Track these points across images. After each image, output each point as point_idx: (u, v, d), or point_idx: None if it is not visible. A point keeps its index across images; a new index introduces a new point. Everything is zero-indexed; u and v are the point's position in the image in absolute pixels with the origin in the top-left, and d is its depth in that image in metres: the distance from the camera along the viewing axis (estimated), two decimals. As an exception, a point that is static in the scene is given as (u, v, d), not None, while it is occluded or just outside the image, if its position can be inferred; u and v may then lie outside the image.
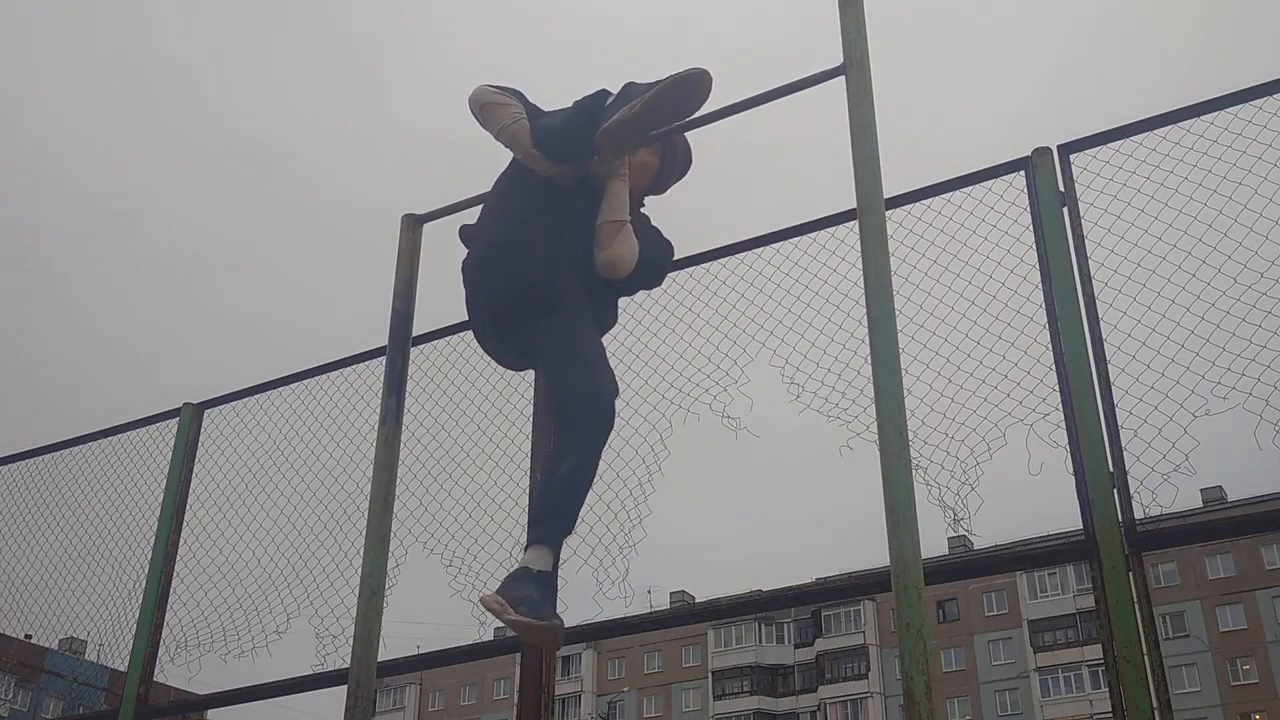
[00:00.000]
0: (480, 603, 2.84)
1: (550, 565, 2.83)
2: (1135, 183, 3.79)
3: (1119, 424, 3.56)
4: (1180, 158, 3.74)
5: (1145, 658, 3.33)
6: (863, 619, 55.16)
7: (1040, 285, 3.85)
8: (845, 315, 4.09)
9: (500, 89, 3.33)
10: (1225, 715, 46.65)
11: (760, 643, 56.71)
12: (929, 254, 4.05)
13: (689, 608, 6.36)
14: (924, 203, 4.16)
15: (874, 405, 2.59)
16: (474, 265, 3.25)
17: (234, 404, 5.73)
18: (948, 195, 4.13)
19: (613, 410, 2.96)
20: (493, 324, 3.20)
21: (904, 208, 4.16)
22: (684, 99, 2.99)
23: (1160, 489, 3.44)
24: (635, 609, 4.34)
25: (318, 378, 5.45)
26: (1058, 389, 3.70)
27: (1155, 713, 3.28)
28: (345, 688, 3.13)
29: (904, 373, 2.74)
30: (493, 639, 4.59)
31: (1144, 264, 3.68)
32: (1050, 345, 3.76)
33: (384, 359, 3.45)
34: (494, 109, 3.28)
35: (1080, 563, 3.73)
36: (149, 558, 5.54)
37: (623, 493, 4.28)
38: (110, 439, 6.11)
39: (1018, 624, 52.52)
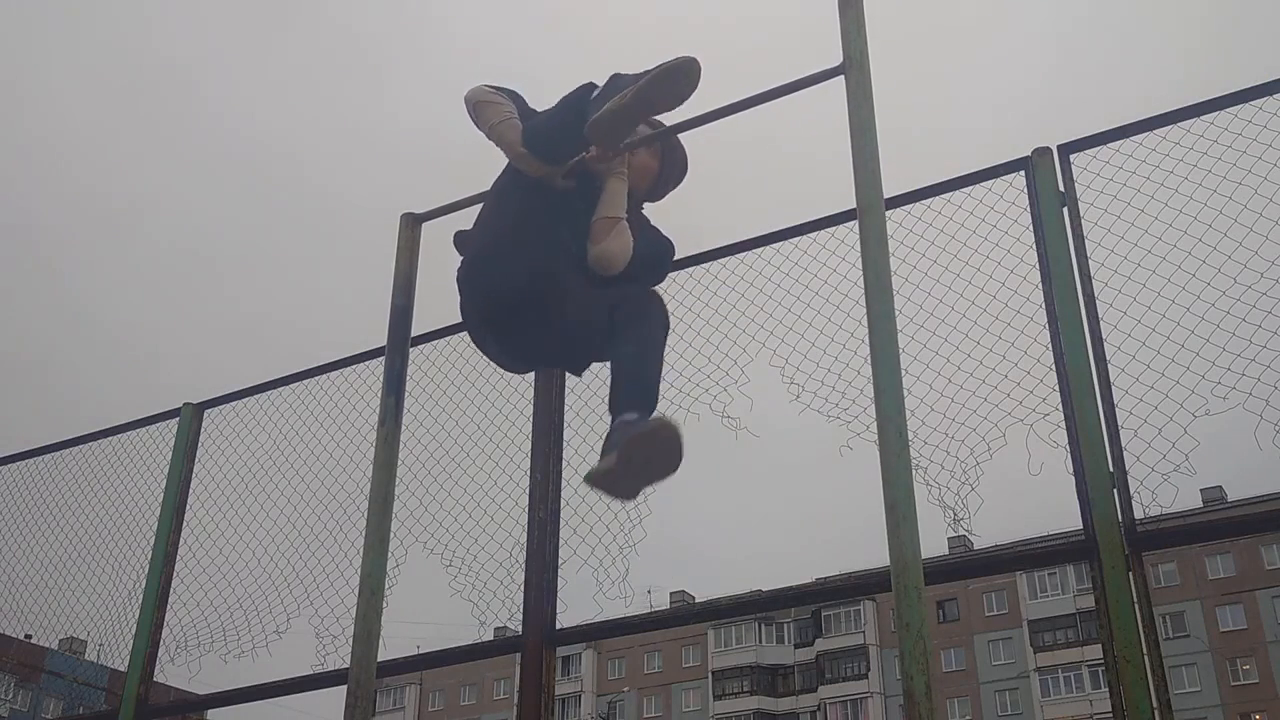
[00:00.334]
0: (596, 475, 2.84)
1: None
2: (1135, 183, 3.79)
3: (1119, 424, 3.56)
4: (1180, 158, 3.74)
5: (1145, 658, 3.33)
6: (863, 619, 55.13)
7: (1040, 285, 3.85)
8: (845, 315, 4.09)
9: (496, 89, 3.31)
10: (1225, 715, 46.62)
11: (760, 643, 56.67)
12: (929, 254, 4.05)
13: (689, 608, 6.36)
14: (924, 203, 4.16)
15: (874, 405, 2.59)
16: (467, 269, 3.19)
17: (234, 404, 5.73)
18: (948, 195, 4.13)
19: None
20: (490, 329, 3.16)
21: (904, 208, 4.16)
22: (674, 88, 2.98)
23: (1160, 489, 3.44)
24: (635, 609, 4.34)
25: (318, 378, 5.46)
26: (1058, 389, 3.70)
27: (1155, 713, 3.28)
28: (345, 688, 3.13)
29: (904, 373, 2.74)
30: (493, 639, 4.59)
31: (1144, 264, 3.67)
32: (1050, 345, 3.76)
33: (383, 359, 3.45)
34: (486, 107, 3.26)
35: (1080, 563, 3.73)
36: (149, 558, 5.54)
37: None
38: (110, 439, 6.12)
39: (1018, 624, 52.48)
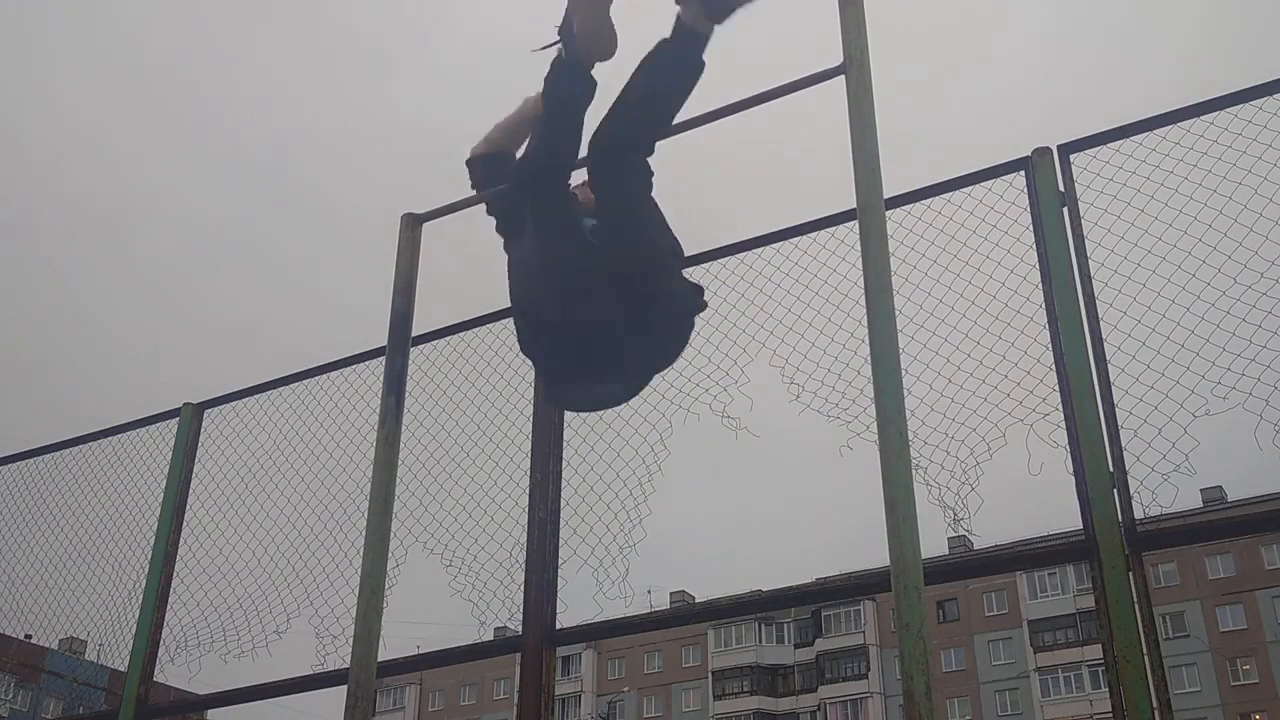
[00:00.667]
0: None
1: None
2: (1135, 183, 3.79)
3: (1119, 424, 3.56)
4: (1180, 158, 3.74)
5: (1145, 658, 3.33)
6: (863, 619, 55.08)
7: (1040, 285, 3.85)
8: (845, 315, 4.10)
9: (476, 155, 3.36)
10: (1225, 715, 46.58)
11: (760, 643, 56.62)
12: (929, 254, 4.06)
13: (689, 608, 6.36)
14: (924, 203, 4.16)
15: (874, 405, 2.59)
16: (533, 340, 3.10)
17: (234, 404, 5.73)
18: (948, 195, 4.14)
19: None
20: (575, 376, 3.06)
21: (904, 208, 4.16)
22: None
23: (1160, 489, 3.44)
24: (635, 609, 4.34)
25: (318, 378, 5.46)
26: (1058, 389, 3.70)
27: (1155, 713, 3.28)
28: (345, 688, 3.13)
29: (904, 373, 2.74)
30: (493, 639, 4.59)
31: (1144, 264, 3.68)
32: (1050, 345, 3.76)
33: (384, 359, 3.44)
34: (496, 130, 3.38)
35: (1080, 563, 3.73)
36: (149, 558, 5.55)
37: (623, 493, 4.29)
38: (110, 439, 6.12)
39: (1018, 624, 52.44)
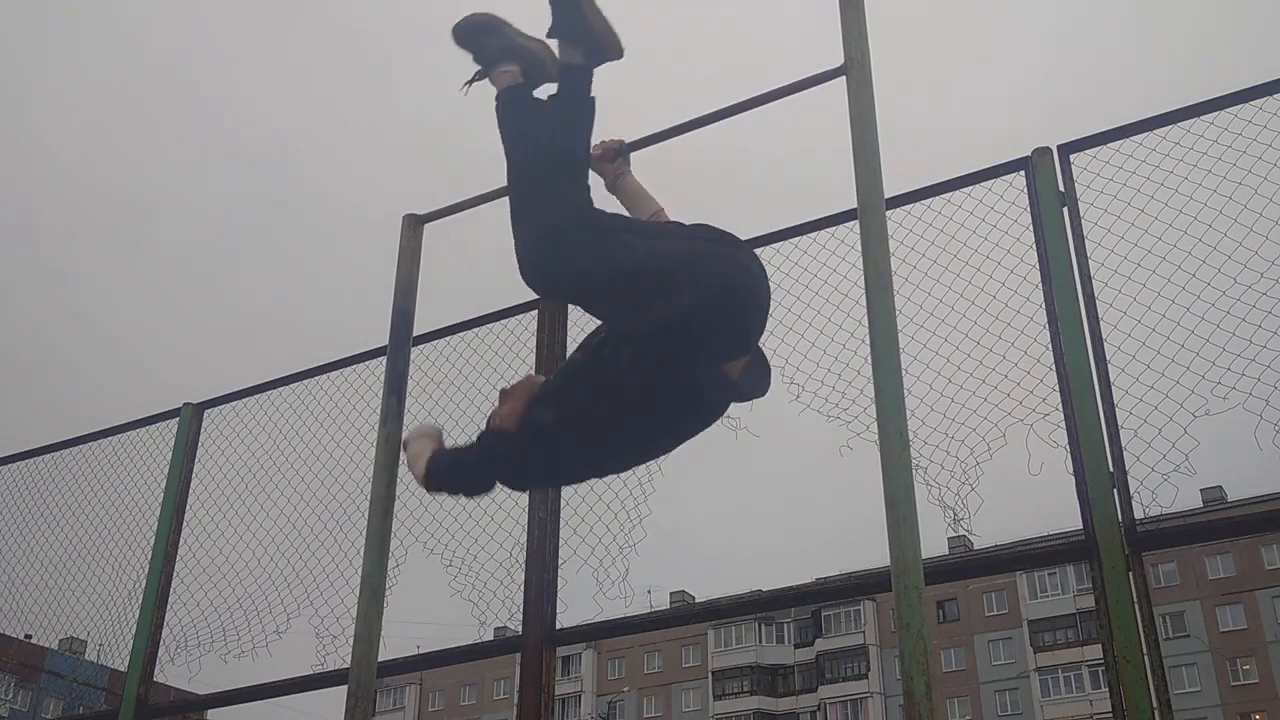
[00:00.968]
0: None
1: None
2: (1135, 183, 3.79)
3: (1119, 424, 3.57)
4: (1180, 158, 3.74)
5: (1145, 658, 3.33)
6: (863, 619, 55.06)
7: (1040, 285, 3.85)
8: (845, 315, 4.10)
9: None
10: (1225, 715, 46.57)
11: (760, 643, 56.60)
12: (929, 254, 4.06)
13: (689, 608, 6.36)
14: (924, 203, 4.16)
15: (874, 405, 2.59)
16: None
17: (234, 404, 5.74)
18: (948, 195, 4.14)
19: None
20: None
21: (904, 208, 4.16)
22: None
23: (1160, 489, 3.45)
24: (635, 609, 4.34)
25: (318, 378, 5.46)
26: (1058, 389, 3.70)
27: (1155, 713, 3.28)
28: (345, 688, 3.13)
29: (904, 373, 2.73)
30: (493, 639, 4.59)
31: (1144, 264, 3.68)
32: (1050, 345, 3.76)
33: (384, 359, 3.44)
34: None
35: (1080, 563, 3.73)
36: (149, 558, 5.55)
37: (623, 493, 4.29)
38: (110, 439, 6.12)
39: (1018, 624, 52.43)
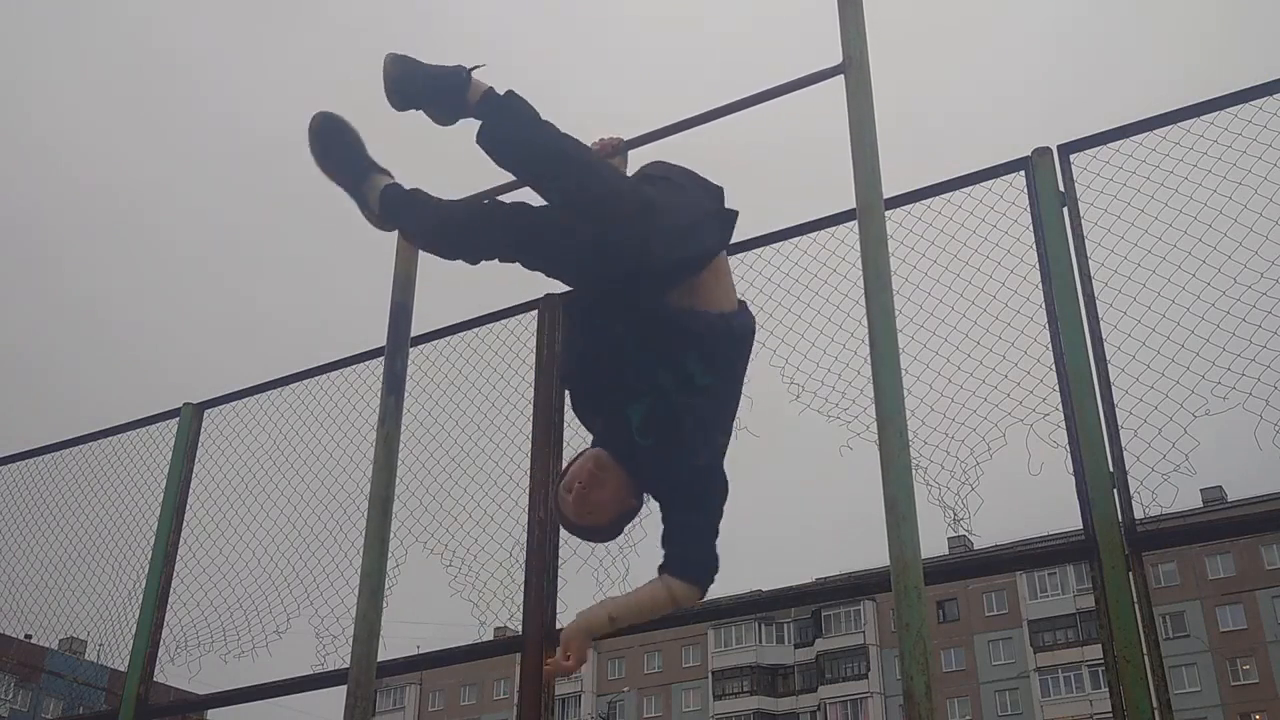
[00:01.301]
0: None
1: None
2: (1135, 183, 3.79)
3: (1119, 424, 3.56)
4: (1180, 158, 3.74)
5: (1145, 658, 3.33)
6: (863, 619, 55.05)
7: (1040, 285, 3.85)
8: (845, 315, 4.10)
9: None
10: (1225, 715, 46.56)
11: (760, 643, 56.59)
12: (929, 254, 4.06)
13: (689, 608, 6.34)
14: (924, 203, 4.16)
15: (874, 405, 2.59)
16: None
17: (234, 404, 5.73)
18: (948, 195, 4.14)
19: None
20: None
21: (904, 208, 4.16)
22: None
23: (1160, 489, 3.45)
24: (635, 609, 4.33)
25: (318, 378, 5.46)
26: (1058, 389, 3.70)
27: (1155, 713, 3.28)
28: (345, 688, 3.13)
29: (904, 373, 2.73)
30: (493, 639, 4.59)
31: (1144, 264, 3.68)
32: (1050, 345, 3.76)
33: (383, 359, 3.44)
34: None
35: (1080, 563, 3.73)
36: (149, 558, 5.55)
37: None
38: (110, 439, 6.12)
39: (1018, 624, 52.42)
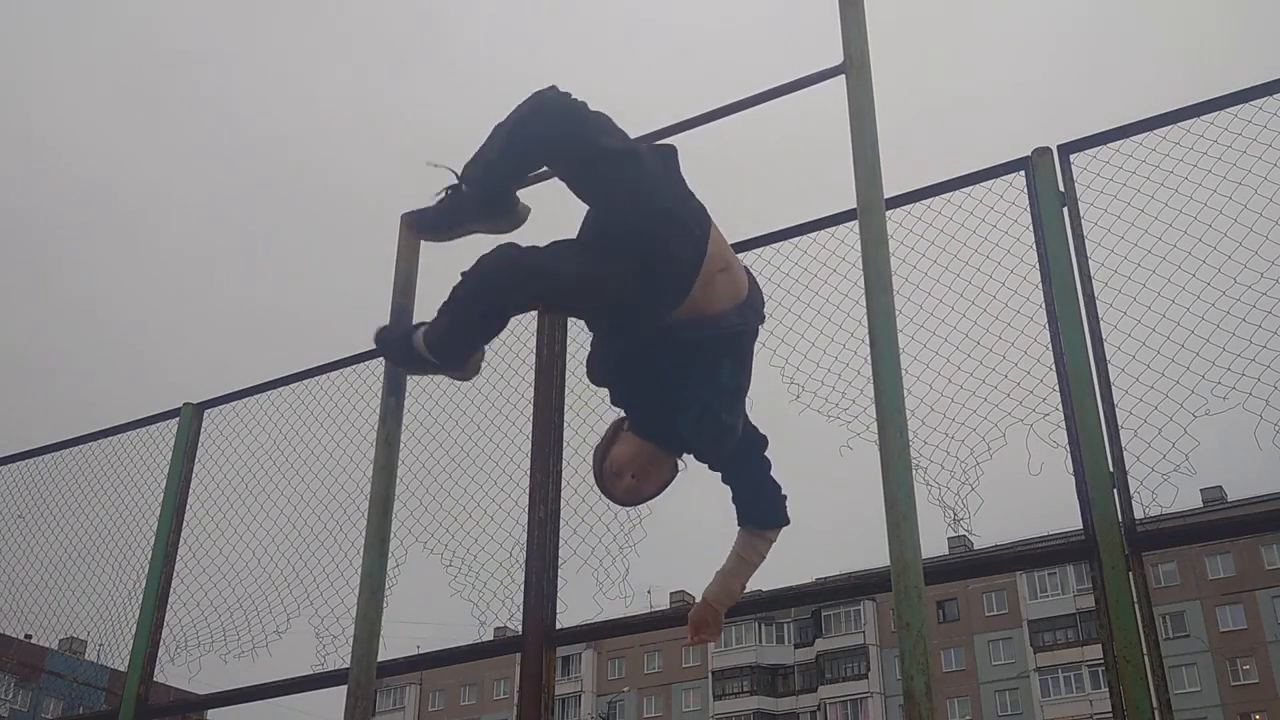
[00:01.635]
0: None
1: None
2: (1135, 183, 3.79)
3: (1119, 424, 3.57)
4: (1180, 158, 3.74)
5: (1145, 658, 3.33)
6: (863, 619, 55.03)
7: (1040, 285, 3.85)
8: (845, 315, 4.10)
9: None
10: (1225, 715, 46.55)
11: (760, 643, 56.57)
12: (929, 254, 4.06)
13: (689, 608, 6.33)
14: (924, 203, 4.16)
15: (874, 405, 2.59)
16: None
17: (234, 404, 5.73)
18: (948, 195, 4.14)
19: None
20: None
21: (904, 208, 4.16)
22: None
23: (1160, 489, 3.45)
24: (635, 609, 4.34)
25: (318, 378, 5.46)
26: (1058, 389, 3.70)
27: (1155, 713, 3.28)
28: (345, 688, 3.13)
29: (904, 373, 2.73)
30: (493, 639, 4.59)
31: (1144, 264, 3.68)
32: (1050, 345, 3.76)
33: (384, 359, 3.44)
34: None
35: (1080, 563, 3.73)
36: (149, 558, 5.55)
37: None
38: (110, 439, 6.12)
39: (1018, 624, 52.41)
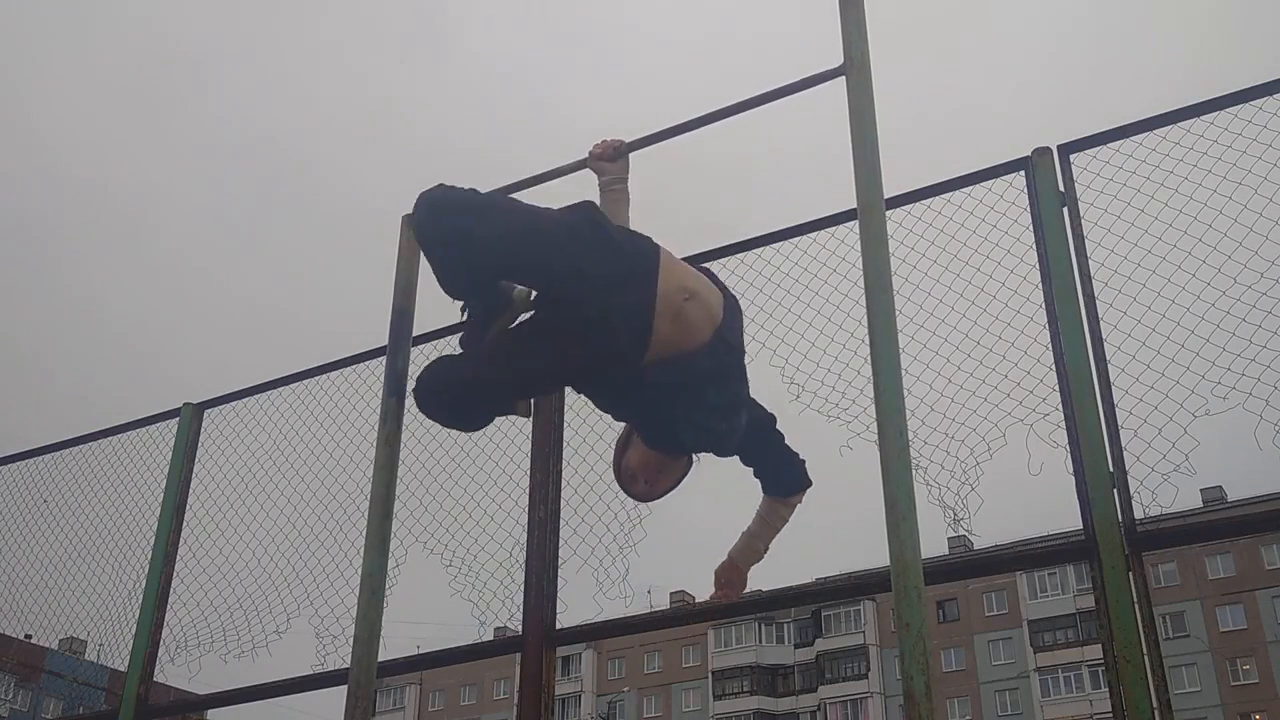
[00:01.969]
0: None
1: None
2: (1135, 183, 3.79)
3: (1119, 424, 3.56)
4: (1180, 158, 3.74)
5: (1145, 658, 3.33)
6: (863, 619, 55.04)
7: (1040, 285, 3.85)
8: (845, 315, 4.10)
9: None
10: (1225, 715, 46.56)
11: (760, 643, 56.58)
12: (929, 254, 4.06)
13: (689, 608, 6.35)
14: (924, 203, 4.16)
15: (874, 405, 2.59)
16: None
17: (234, 404, 5.73)
18: (948, 195, 4.14)
19: None
20: None
21: (904, 208, 4.16)
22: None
23: (1160, 489, 3.44)
24: (635, 609, 4.34)
25: (318, 378, 5.46)
26: (1058, 389, 3.70)
27: (1155, 713, 3.28)
28: (345, 688, 3.13)
29: (904, 373, 2.73)
30: (493, 639, 4.59)
31: (1144, 264, 3.68)
32: (1050, 345, 3.76)
33: (384, 359, 3.44)
34: None
35: (1080, 563, 3.73)
36: (149, 558, 5.54)
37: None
38: (110, 439, 6.12)
39: (1018, 624, 52.42)
